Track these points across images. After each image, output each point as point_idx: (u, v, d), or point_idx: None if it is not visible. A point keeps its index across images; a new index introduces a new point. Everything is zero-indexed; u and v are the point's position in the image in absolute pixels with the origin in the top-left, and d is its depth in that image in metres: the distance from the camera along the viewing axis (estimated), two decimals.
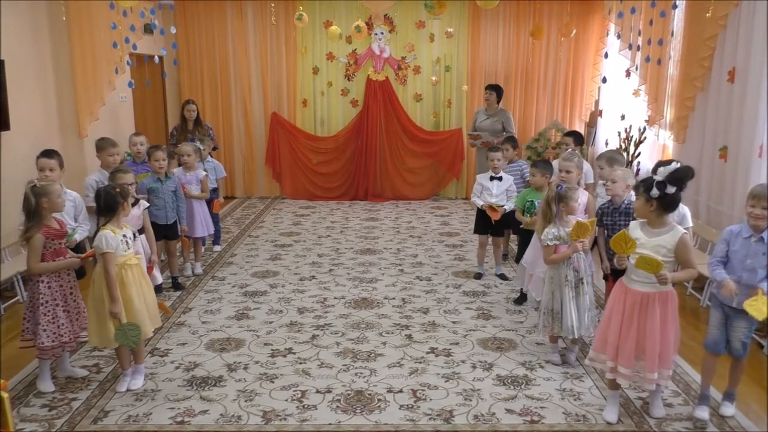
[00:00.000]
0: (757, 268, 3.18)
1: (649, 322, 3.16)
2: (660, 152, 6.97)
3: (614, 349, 3.25)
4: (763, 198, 3.16)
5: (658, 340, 3.17)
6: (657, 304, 3.17)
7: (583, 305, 3.86)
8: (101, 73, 6.74)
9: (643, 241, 3.17)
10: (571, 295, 3.85)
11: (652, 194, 3.11)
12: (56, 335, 3.52)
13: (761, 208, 3.16)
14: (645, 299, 3.18)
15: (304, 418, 3.33)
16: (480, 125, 7.44)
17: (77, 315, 3.65)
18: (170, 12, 8.96)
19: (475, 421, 3.32)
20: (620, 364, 3.23)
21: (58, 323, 3.53)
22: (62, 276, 3.58)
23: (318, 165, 9.45)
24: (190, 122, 7.28)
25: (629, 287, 3.24)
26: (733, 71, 5.38)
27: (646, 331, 3.17)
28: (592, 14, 8.99)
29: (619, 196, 4.12)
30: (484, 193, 5.49)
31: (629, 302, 3.22)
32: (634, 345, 3.20)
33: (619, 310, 3.25)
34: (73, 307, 3.63)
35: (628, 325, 3.21)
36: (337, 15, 9.01)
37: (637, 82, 7.14)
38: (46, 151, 4.33)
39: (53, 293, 3.54)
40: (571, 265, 3.85)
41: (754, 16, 5.06)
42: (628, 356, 3.21)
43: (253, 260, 6.25)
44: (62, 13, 6.04)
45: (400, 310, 4.90)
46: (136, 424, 3.28)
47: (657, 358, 3.18)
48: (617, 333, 3.24)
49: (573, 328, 3.84)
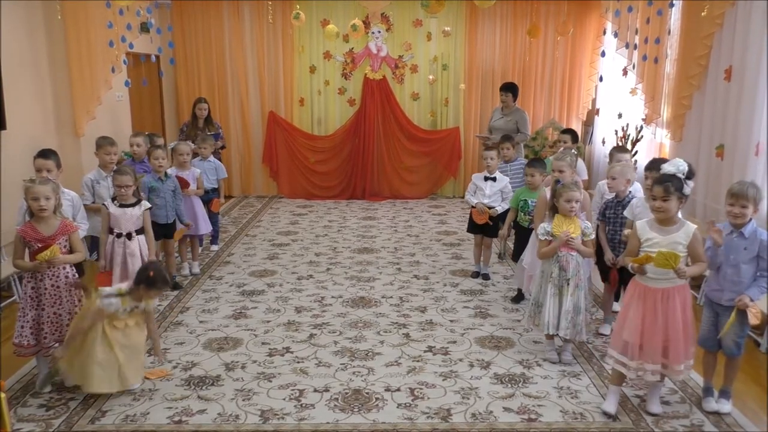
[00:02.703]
0: (740, 263, 3.25)
1: (671, 317, 3.21)
2: (657, 151, 6.98)
3: (637, 349, 3.26)
4: (741, 197, 3.22)
5: (681, 332, 3.22)
6: (677, 297, 3.22)
7: (564, 306, 3.85)
8: (98, 72, 6.72)
9: (658, 240, 3.20)
10: (552, 292, 3.89)
11: (685, 192, 3.17)
12: (21, 336, 3.50)
13: (740, 207, 3.23)
14: (665, 295, 3.21)
15: (302, 417, 3.33)
16: (493, 124, 7.40)
17: (56, 324, 3.54)
18: (167, 11, 8.93)
19: (473, 419, 3.32)
20: (647, 361, 3.24)
21: (24, 323, 3.50)
22: (44, 280, 3.50)
23: (315, 164, 9.44)
24: (201, 120, 7.29)
25: (648, 286, 3.25)
26: (729, 70, 5.39)
27: (668, 326, 3.21)
28: (589, 13, 9.00)
29: (621, 191, 4.18)
30: (478, 193, 5.48)
31: (650, 300, 3.23)
32: (661, 342, 3.23)
33: (638, 309, 3.26)
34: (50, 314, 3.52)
35: (652, 323, 3.22)
36: (334, 14, 8.99)
37: (634, 81, 7.15)
38: (43, 152, 4.30)
39: (27, 294, 3.52)
40: (557, 263, 3.86)
41: (751, 15, 5.07)
42: (655, 353, 3.23)
43: (251, 259, 6.25)
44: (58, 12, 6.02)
45: (398, 308, 4.91)
46: (134, 423, 3.28)
47: (682, 350, 3.24)
48: (639, 332, 3.25)
49: (548, 324, 3.88)
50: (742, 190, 3.22)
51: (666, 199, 3.17)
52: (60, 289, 3.55)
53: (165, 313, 4.79)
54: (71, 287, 3.59)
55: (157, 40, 8.22)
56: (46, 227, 3.52)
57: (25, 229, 3.50)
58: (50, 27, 6.25)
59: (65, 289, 3.57)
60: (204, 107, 7.30)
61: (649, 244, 3.22)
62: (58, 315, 3.55)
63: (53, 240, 3.49)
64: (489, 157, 5.42)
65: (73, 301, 3.60)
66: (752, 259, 3.24)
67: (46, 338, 3.52)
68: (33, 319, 3.51)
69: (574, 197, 3.84)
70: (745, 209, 3.21)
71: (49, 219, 3.53)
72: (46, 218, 3.51)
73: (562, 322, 3.86)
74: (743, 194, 3.21)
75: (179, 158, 5.71)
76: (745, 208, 3.21)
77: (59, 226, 3.55)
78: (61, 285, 3.55)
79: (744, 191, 3.21)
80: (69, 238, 3.57)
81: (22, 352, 3.54)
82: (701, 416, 3.37)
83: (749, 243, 3.23)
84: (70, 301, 3.58)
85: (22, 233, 3.48)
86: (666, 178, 3.20)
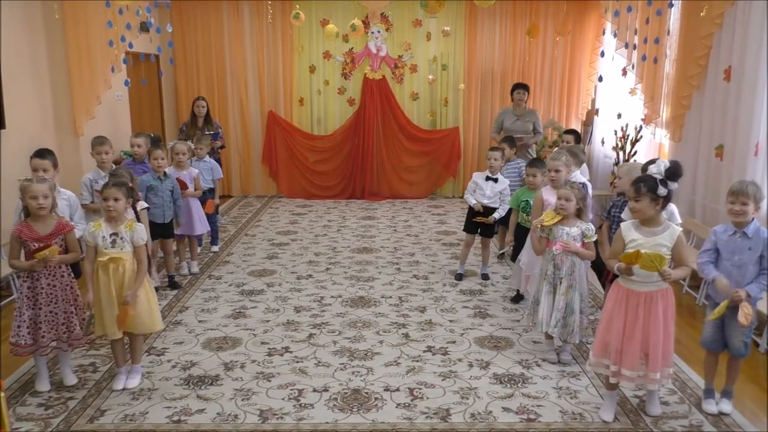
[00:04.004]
0: (746, 264, 3.24)
1: (653, 321, 3.17)
2: (656, 151, 6.98)
3: (617, 353, 3.24)
4: (741, 194, 3.21)
5: (661, 338, 3.18)
6: (659, 302, 3.18)
7: (556, 305, 3.87)
8: (97, 72, 6.72)
9: (641, 242, 3.17)
10: (547, 290, 3.91)
11: (659, 193, 3.12)
12: (17, 335, 3.49)
13: (740, 204, 3.21)
14: (648, 299, 3.18)
15: (301, 417, 3.33)
16: (510, 127, 7.26)
17: (52, 323, 3.54)
18: (166, 10, 8.93)
19: (472, 419, 3.32)
20: (624, 367, 3.22)
21: (20, 323, 3.50)
22: (40, 279, 3.49)
23: (315, 164, 9.44)
24: (200, 119, 7.28)
25: (630, 289, 3.22)
26: (729, 70, 5.39)
27: (649, 331, 3.17)
28: (588, 13, 9.00)
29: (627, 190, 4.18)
30: (477, 192, 5.47)
31: (632, 304, 3.21)
32: (639, 346, 3.20)
33: (620, 313, 3.24)
34: (46, 313, 3.51)
35: (632, 327, 3.19)
36: (334, 13, 8.99)
37: (634, 81, 7.15)
38: (39, 151, 4.27)
39: (24, 293, 3.52)
40: (552, 261, 3.88)
41: (750, 15, 5.07)
42: (632, 358, 3.20)
43: (250, 259, 6.24)
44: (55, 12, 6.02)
45: (397, 308, 4.90)
46: (133, 423, 3.28)
47: (660, 357, 3.19)
48: (620, 336, 3.22)
49: (543, 323, 3.91)
50: (742, 187, 3.22)
51: (637, 200, 3.17)
52: (56, 288, 3.54)
53: (164, 312, 4.79)
54: (67, 286, 3.58)
55: (157, 40, 8.23)
56: (42, 226, 3.50)
57: (21, 228, 3.49)
58: (50, 26, 6.25)
59: (61, 288, 3.55)
60: (203, 105, 7.30)
61: (633, 245, 3.17)
62: (54, 314, 3.54)
63: (50, 239, 3.49)
64: (493, 158, 5.39)
65: (69, 300, 3.57)
66: (758, 259, 3.22)
67: (44, 337, 3.52)
68: (30, 318, 3.50)
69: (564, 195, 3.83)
70: (746, 206, 3.20)
71: (46, 218, 3.52)
72: (43, 217, 3.51)
73: (552, 320, 3.87)
74: (743, 191, 3.20)
75: (177, 158, 5.71)
76: (745, 206, 3.20)
77: (55, 225, 3.54)
78: (57, 284, 3.53)
79: (744, 188, 3.21)
80: (65, 237, 3.56)
81: (19, 352, 3.53)
82: (700, 416, 3.37)
83: (753, 243, 3.22)
84: (66, 300, 3.56)
85: (18, 233, 3.47)
86: (639, 179, 3.21)
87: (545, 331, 3.94)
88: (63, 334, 3.57)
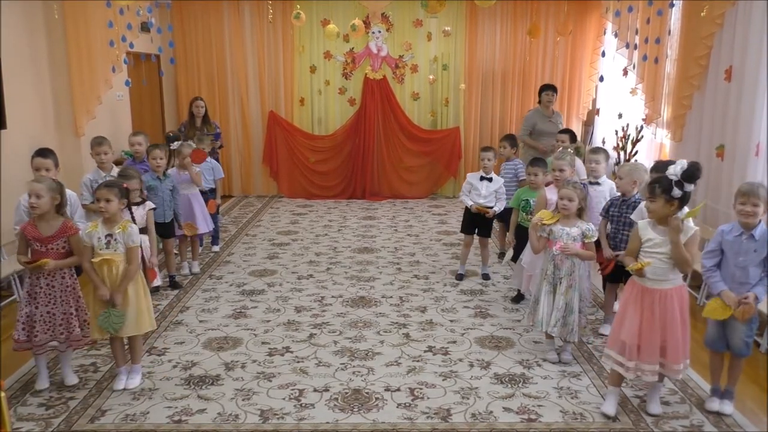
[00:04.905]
0: (749, 266, 3.24)
1: (669, 317, 3.21)
2: (657, 151, 6.98)
3: (635, 349, 3.25)
4: (752, 195, 3.21)
5: (680, 332, 3.22)
6: (675, 298, 3.22)
7: (556, 304, 3.88)
8: (98, 72, 6.72)
9: (658, 241, 3.20)
10: (547, 289, 3.92)
11: (674, 194, 3.12)
12: (17, 330, 3.51)
13: (751, 205, 3.21)
14: (663, 296, 3.22)
15: (302, 417, 3.33)
16: (542, 128, 7.13)
17: (49, 324, 3.53)
18: (167, 10, 8.93)
19: (473, 419, 3.32)
20: (644, 361, 3.24)
21: (19, 318, 3.52)
22: (39, 279, 3.49)
23: (315, 164, 9.43)
24: (198, 119, 7.27)
25: (646, 286, 3.25)
26: (729, 70, 5.39)
27: (666, 327, 3.21)
28: (589, 13, 8.99)
29: (627, 191, 4.20)
30: (473, 193, 5.47)
31: (647, 301, 3.24)
32: (659, 342, 3.23)
33: (636, 310, 3.26)
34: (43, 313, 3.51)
35: (650, 323, 3.23)
36: (335, 13, 8.99)
37: (635, 81, 7.15)
38: (41, 150, 4.28)
39: (25, 290, 3.55)
40: (552, 261, 3.88)
41: (751, 15, 5.06)
42: (652, 353, 3.23)
43: (251, 259, 6.24)
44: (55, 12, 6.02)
45: (398, 308, 4.90)
46: (134, 423, 3.28)
47: (681, 350, 3.24)
48: (636, 332, 3.24)
49: (542, 322, 3.91)
50: (753, 188, 3.22)
51: (652, 200, 3.20)
52: (54, 288, 3.53)
53: (165, 312, 4.79)
54: (68, 288, 3.58)
55: (158, 40, 8.22)
56: (46, 227, 3.50)
57: (26, 226, 3.52)
58: (50, 26, 6.25)
59: (60, 289, 3.54)
60: (201, 105, 7.27)
61: (650, 244, 3.22)
62: (51, 314, 3.53)
63: (52, 240, 3.49)
64: (486, 158, 5.40)
65: (69, 301, 3.55)
66: (762, 261, 3.23)
67: (37, 336, 3.50)
68: (26, 315, 3.51)
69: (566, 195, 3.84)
70: (757, 207, 3.20)
71: (50, 219, 3.51)
72: (47, 218, 3.50)
73: (552, 319, 3.87)
74: (754, 192, 3.20)
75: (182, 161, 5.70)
76: (756, 207, 3.19)
77: (60, 227, 3.52)
78: (56, 285, 3.53)
79: (755, 190, 3.21)
80: (69, 239, 3.54)
81: (15, 347, 3.55)
82: (701, 416, 3.37)
83: (759, 245, 3.22)
84: (65, 302, 3.55)
85: (23, 230, 3.50)
86: (655, 180, 3.23)
87: (545, 331, 3.95)
88: (61, 335, 3.55)
